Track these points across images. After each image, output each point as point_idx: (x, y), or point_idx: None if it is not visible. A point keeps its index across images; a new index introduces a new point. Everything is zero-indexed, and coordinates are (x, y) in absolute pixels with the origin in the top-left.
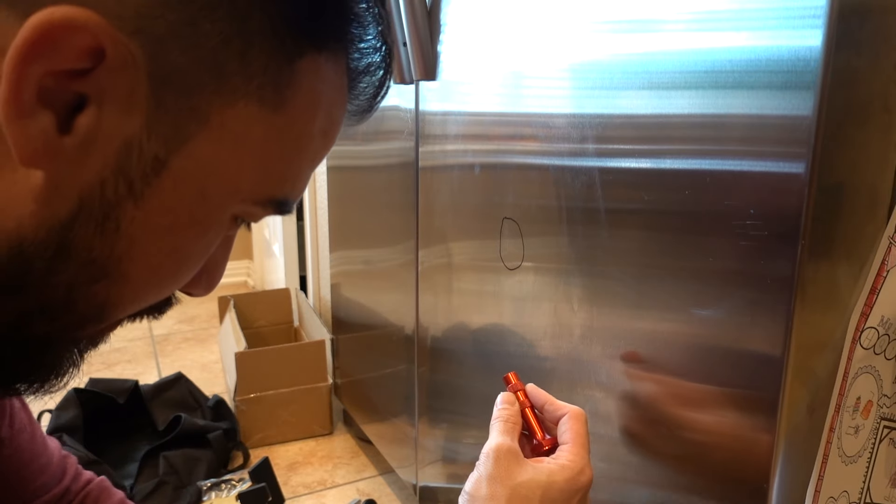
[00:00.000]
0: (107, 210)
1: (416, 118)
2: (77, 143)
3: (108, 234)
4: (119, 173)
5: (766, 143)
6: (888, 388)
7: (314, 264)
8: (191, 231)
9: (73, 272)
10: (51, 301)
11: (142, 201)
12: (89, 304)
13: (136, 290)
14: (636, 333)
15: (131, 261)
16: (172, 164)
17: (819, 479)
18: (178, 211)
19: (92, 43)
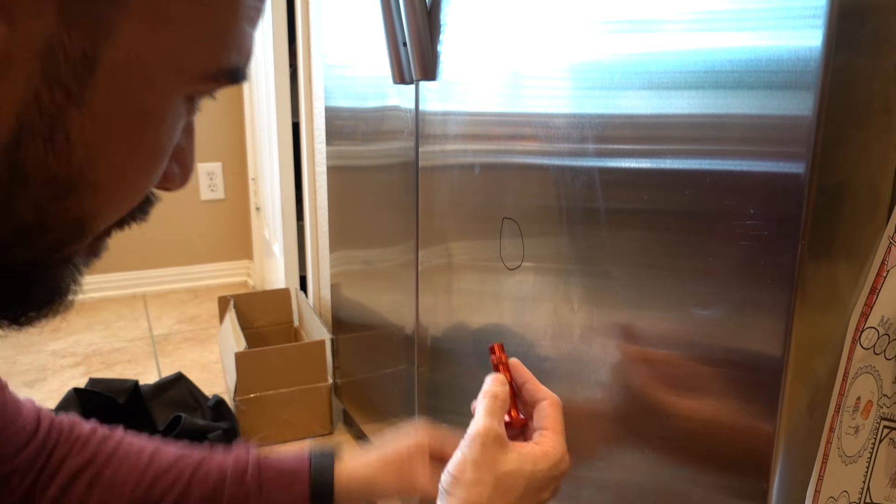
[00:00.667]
0: (50, 122)
1: (416, 118)
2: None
3: (59, 146)
4: (50, 80)
5: (766, 143)
6: (888, 388)
7: (314, 264)
8: (146, 124)
9: (35, 193)
10: (23, 226)
11: (85, 105)
12: (64, 221)
13: (109, 198)
14: (636, 333)
15: (94, 169)
16: (104, 59)
17: (819, 479)
18: (125, 106)
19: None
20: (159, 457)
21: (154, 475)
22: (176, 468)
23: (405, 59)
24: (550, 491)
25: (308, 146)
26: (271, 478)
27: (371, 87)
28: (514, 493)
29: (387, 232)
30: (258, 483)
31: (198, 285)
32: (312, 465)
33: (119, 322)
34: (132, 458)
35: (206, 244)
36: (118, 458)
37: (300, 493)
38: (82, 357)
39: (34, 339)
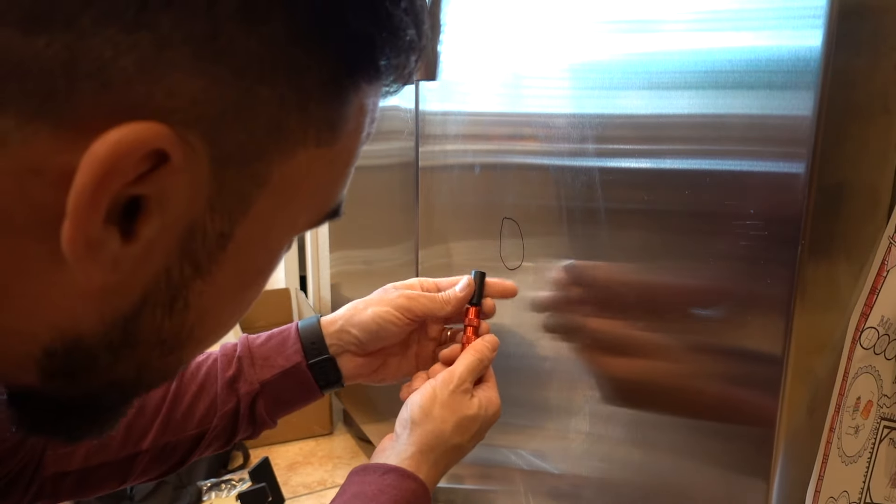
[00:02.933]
0: (174, 294)
1: (416, 118)
2: (141, 249)
3: (176, 314)
4: (184, 258)
5: (766, 143)
6: (888, 388)
7: (314, 264)
8: (259, 280)
9: (142, 354)
10: (121, 379)
11: (209, 276)
12: (162, 373)
13: (205, 346)
14: (636, 333)
15: (202, 327)
16: (237, 235)
17: (819, 479)
18: (246, 271)
19: (153, 149)
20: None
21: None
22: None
23: None
24: (485, 432)
25: None
26: (260, 346)
27: None
28: (469, 432)
29: (387, 232)
30: (250, 357)
31: None
32: (299, 323)
33: None
34: None
35: None
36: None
37: (293, 350)
38: None
39: None
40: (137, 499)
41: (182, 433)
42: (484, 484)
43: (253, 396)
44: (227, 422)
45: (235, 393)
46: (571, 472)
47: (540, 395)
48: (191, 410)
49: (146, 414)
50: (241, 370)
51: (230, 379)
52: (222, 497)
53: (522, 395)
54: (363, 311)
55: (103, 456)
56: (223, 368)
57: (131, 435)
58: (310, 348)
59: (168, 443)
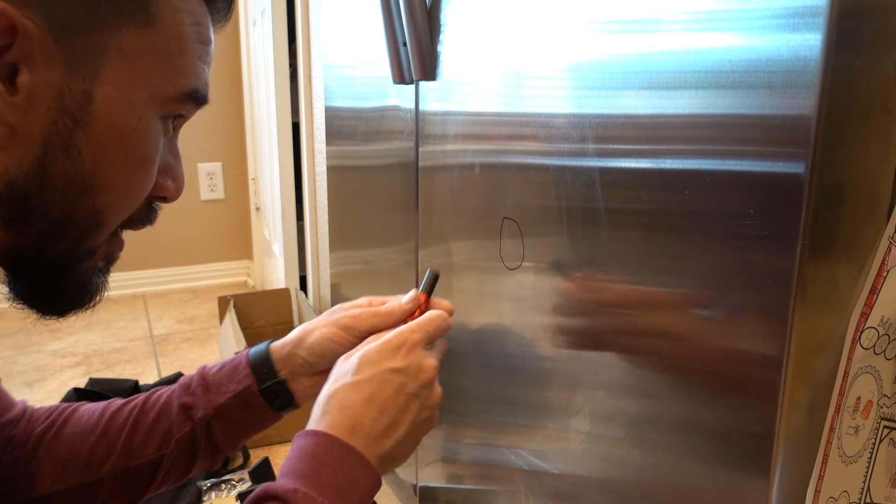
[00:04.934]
0: (65, 140)
1: (416, 118)
2: (24, 99)
3: (73, 157)
4: (63, 112)
5: (766, 143)
6: (888, 388)
7: (314, 264)
8: (133, 136)
9: (60, 191)
10: (55, 219)
11: (88, 127)
12: (84, 214)
13: (115, 196)
14: (636, 333)
15: (100, 172)
16: (97, 92)
17: (819, 479)
18: (117, 124)
19: (7, 24)
20: (116, 401)
21: (112, 411)
22: (130, 402)
23: (405, 59)
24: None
25: (308, 146)
26: (213, 374)
27: (371, 87)
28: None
29: (387, 232)
30: (204, 385)
31: (198, 285)
32: (250, 350)
33: (119, 322)
34: (90, 408)
35: (206, 244)
36: (78, 412)
37: (243, 374)
38: (82, 357)
39: (34, 339)
40: None
41: (141, 457)
42: (484, 484)
43: (207, 421)
44: (184, 447)
45: (191, 419)
46: (571, 472)
47: (540, 395)
48: (149, 436)
49: (109, 438)
50: (195, 397)
51: (185, 405)
52: (222, 497)
53: (522, 395)
54: (311, 332)
55: (70, 480)
56: (179, 396)
57: (94, 459)
58: (260, 373)
59: (129, 467)
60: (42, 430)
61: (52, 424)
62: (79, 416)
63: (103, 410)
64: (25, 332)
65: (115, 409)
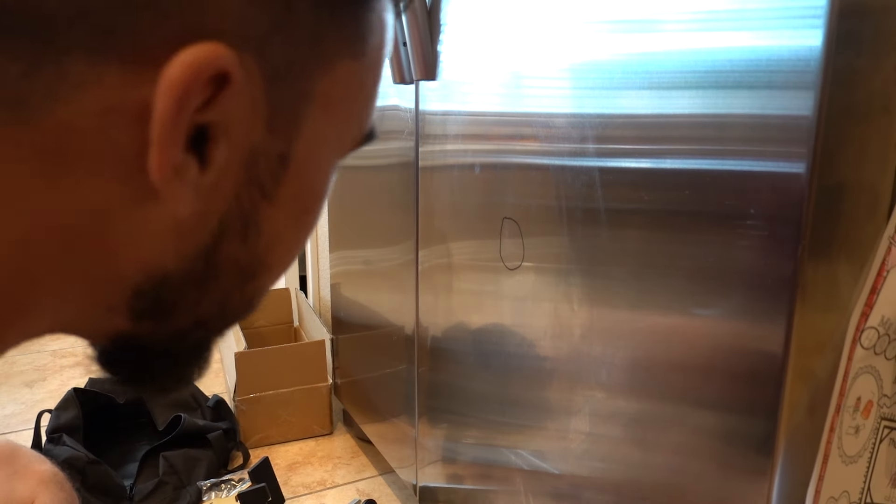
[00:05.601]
0: (246, 220)
1: (416, 118)
2: (215, 176)
3: (250, 241)
4: (251, 183)
5: (766, 143)
6: (888, 388)
7: (314, 264)
8: (317, 203)
9: (224, 286)
10: (206, 315)
11: (275, 199)
12: (241, 305)
13: (277, 275)
14: (636, 333)
15: (273, 253)
16: (294, 154)
17: (819, 480)
18: (305, 193)
19: (217, 71)
20: None
21: None
22: None
23: (405, 59)
24: None
25: None
26: None
27: None
28: None
29: (387, 232)
30: None
31: None
32: None
33: None
34: None
35: None
36: None
37: None
38: (82, 357)
39: None
40: (137, 499)
41: None
42: (484, 484)
43: None
44: None
45: None
46: (571, 472)
47: (540, 395)
48: None
49: None
50: None
51: None
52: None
53: (522, 395)
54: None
55: None
56: None
57: None
58: None
59: None
60: None
61: None
62: None
63: None
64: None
65: None
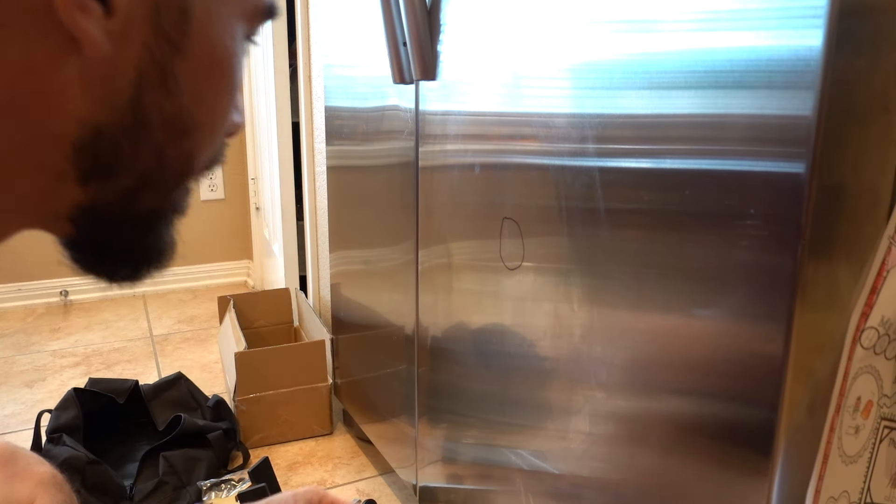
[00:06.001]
0: (162, 71)
1: (416, 118)
2: (121, 22)
3: (171, 92)
4: (159, 35)
5: (766, 143)
6: (888, 388)
7: (314, 264)
8: (228, 61)
9: (156, 137)
10: (147, 169)
11: (185, 52)
12: (178, 158)
13: (208, 134)
14: (636, 333)
15: (197, 109)
16: (194, 9)
17: (819, 479)
18: (214, 48)
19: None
20: None
21: None
22: None
23: (405, 59)
24: None
25: (308, 146)
26: None
27: (371, 87)
28: None
29: (387, 232)
30: None
31: (198, 285)
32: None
33: (119, 322)
34: None
35: (206, 244)
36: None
37: None
38: (82, 357)
39: (34, 339)
40: (138, 499)
41: None
42: (484, 484)
43: None
44: None
45: None
46: (571, 472)
47: (540, 395)
48: None
49: None
50: None
51: None
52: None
53: (522, 395)
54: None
55: None
56: None
57: None
58: None
59: None
60: None
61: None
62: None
63: None
64: (25, 332)
65: None
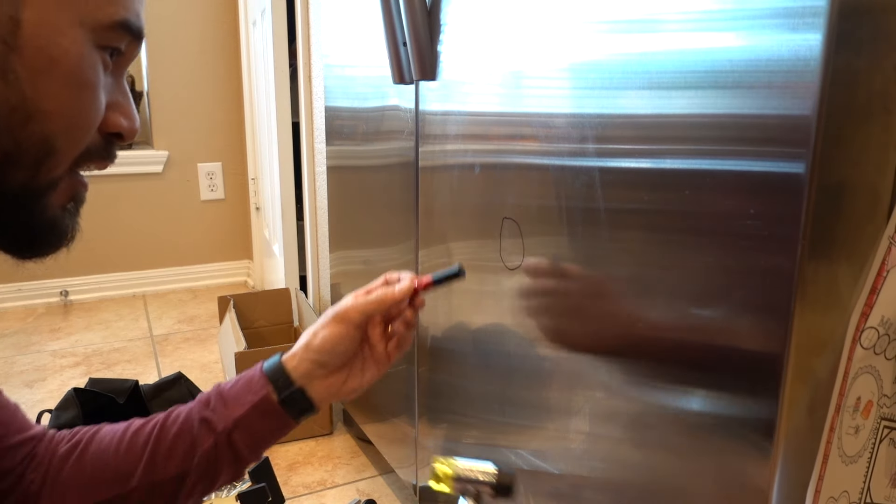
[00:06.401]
0: (1, 67)
1: (416, 118)
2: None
3: (11, 83)
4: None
5: (766, 143)
6: (888, 388)
7: (314, 264)
8: (68, 59)
9: (5, 119)
10: (4, 148)
11: (21, 51)
12: (33, 141)
13: (62, 123)
14: (636, 333)
15: (41, 97)
16: (25, 17)
17: (819, 479)
18: (47, 47)
19: None
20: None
21: (133, 430)
22: (151, 421)
23: (405, 59)
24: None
25: (308, 146)
26: (230, 389)
27: (371, 87)
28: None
29: (387, 232)
30: (222, 400)
31: (198, 285)
32: (263, 364)
33: (119, 322)
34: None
35: (206, 244)
36: (100, 434)
37: (259, 385)
38: (82, 357)
39: (34, 339)
40: None
41: (166, 472)
42: None
43: (228, 433)
44: (208, 460)
45: (212, 431)
46: (571, 472)
47: (540, 395)
48: (172, 451)
49: (132, 455)
50: (215, 412)
51: (206, 420)
52: (222, 497)
53: (522, 395)
54: (315, 337)
55: (97, 495)
56: (199, 411)
57: (119, 476)
58: (277, 384)
59: (154, 482)
60: (66, 450)
61: (76, 445)
62: (101, 436)
63: (125, 430)
64: (25, 332)
65: (137, 428)
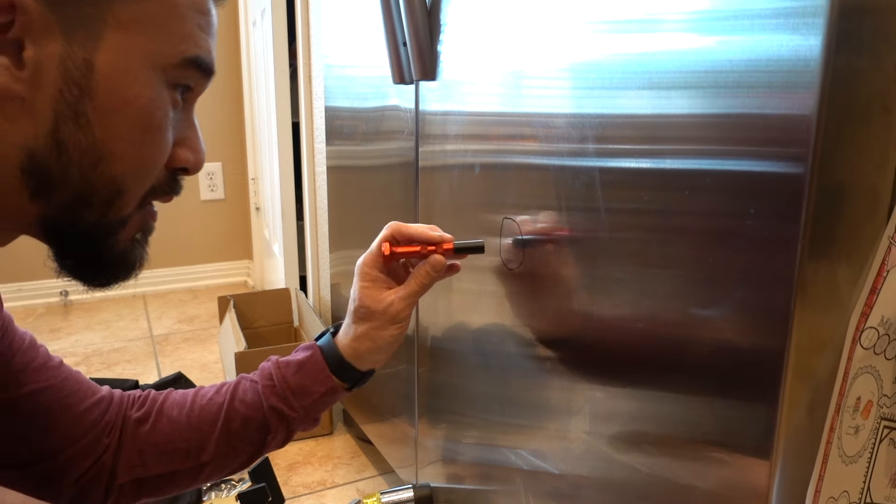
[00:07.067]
0: (74, 110)
1: (416, 118)
2: (31, 72)
3: (83, 126)
4: (68, 82)
5: (766, 143)
6: (888, 388)
7: (314, 264)
8: (139, 102)
9: (77, 161)
10: (77, 188)
11: (93, 94)
12: (104, 182)
13: (130, 164)
14: (636, 333)
15: (112, 140)
16: (99, 60)
17: (819, 480)
18: (119, 90)
19: (6, 1)
20: (201, 390)
21: (200, 406)
22: (218, 397)
23: (405, 59)
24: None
25: (308, 146)
26: (294, 377)
27: (371, 87)
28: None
29: None
30: (289, 388)
31: (198, 285)
32: (322, 348)
33: (119, 322)
34: (179, 401)
35: (206, 244)
36: (169, 403)
37: (325, 376)
38: (82, 357)
39: None
40: None
41: (238, 455)
42: (484, 484)
43: (298, 420)
44: (276, 444)
45: (284, 420)
46: (571, 472)
47: (540, 395)
48: (244, 436)
49: (202, 434)
50: (287, 402)
51: (278, 410)
52: (222, 497)
53: (522, 395)
54: (357, 309)
55: (173, 465)
56: (267, 397)
57: (192, 451)
58: (343, 376)
59: (227, 454)
60: (139, 416)
61: (148, 413)
62: (170, 405)
63: (192, 402)
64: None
65: (204, 403)
